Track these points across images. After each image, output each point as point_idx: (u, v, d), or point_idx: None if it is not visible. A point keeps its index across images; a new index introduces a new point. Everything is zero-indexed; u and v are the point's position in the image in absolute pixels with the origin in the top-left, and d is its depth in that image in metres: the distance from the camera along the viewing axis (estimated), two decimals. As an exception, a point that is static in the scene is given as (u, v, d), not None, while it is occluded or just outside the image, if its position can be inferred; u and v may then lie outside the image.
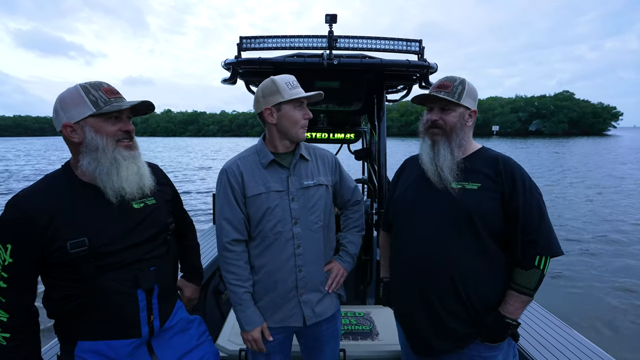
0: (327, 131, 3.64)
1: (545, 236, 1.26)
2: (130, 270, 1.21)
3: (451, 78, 1.39)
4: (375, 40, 2.33)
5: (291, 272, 1.47)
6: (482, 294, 1.31)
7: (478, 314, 1.31)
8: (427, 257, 1.34)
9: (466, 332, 1.32)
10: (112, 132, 1.17)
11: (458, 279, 1.29)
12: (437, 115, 1.38)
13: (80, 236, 1.12)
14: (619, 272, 6.04)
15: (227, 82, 2.57)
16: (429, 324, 1.36)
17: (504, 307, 1.29)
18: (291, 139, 1.48)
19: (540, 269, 1.26)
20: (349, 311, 2.37)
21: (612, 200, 11.84)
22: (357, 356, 1.98)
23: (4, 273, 1.09)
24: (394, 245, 1.53)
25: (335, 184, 1.62)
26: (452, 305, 1.32)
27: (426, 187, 1.40)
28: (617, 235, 8.06)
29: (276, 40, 2.34)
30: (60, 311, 1.18)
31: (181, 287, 1.60)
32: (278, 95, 1.41)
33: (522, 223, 1.26)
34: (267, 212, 1.43)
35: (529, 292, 1.27)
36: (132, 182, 1.20)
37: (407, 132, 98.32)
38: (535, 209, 1.27)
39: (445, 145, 1.36)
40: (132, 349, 1.23)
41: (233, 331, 2.13)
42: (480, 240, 1.29)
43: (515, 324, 1.28)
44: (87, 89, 1.15)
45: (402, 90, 3.19)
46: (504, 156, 1.36)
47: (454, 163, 1.34)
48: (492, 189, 1.30)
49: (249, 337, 1.45)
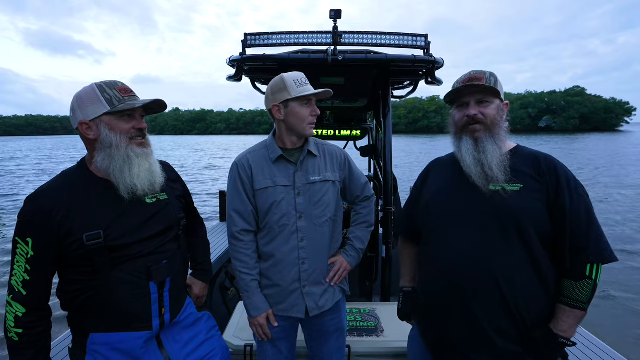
0: (334, 128, 3.63)
1: (596, 241, 1.14)
2: (144, 263, 1.24)
3: (480, 71, 1.30)
4: (380, 36, 2.31)
5: (294, 264, 1.50)
6: (533, 307, 1.18)
7: (527, 330, 1.18)
8: (469, 267, 1.21)
9: (515, 352, 1.19)
10: (125, 130, 1.21)
11: (506, 289, 1.16)
12: (475, 110, 1.27)
13: (96, 229, 1.16)
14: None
15: (232, 79, 2.57)
16: (473, 342, 1.22)
17: (556, 325, 1.16)
18: (298, 135, 1.51)
19: (593, 278, 1.14)
20: (354, 308, 2.37)
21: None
22: (362, 352, 1.98)
23: (28, 266, 1.13)
24: (428, 257, 1.39)
25: (344, 179, 1.64)
26: (498, 319, 1.18)
27: (462, 190, 1.29)
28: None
29: (281, 37, 2.33)
30: (74, 303, 1.22)
31: (190, 285, 1.62)
32: (285, 93, 1.44)
33: (570, 227, 1.14)
34: (274, 206, 1.47)
35: (582, 306, 1.14)
36: (144, 179, 1.24)
37: (414, 130, 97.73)
38: (583, 211, 1.15)
39: (491, 141, 1.25)
40: (143, 342, 1.25)
41: (239, 327, 2.14)
42: (528, 247, 1.17)
43: (570, 344, 1.15)
44: (103, 87, 1.20)
45: (409, 87, 3.17)
46: (545, 154, 1.26)
47: (503, 159, 1.23)
48: (536, 190, 1.19)
49: (255, 322, 1.52)
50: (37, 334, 1.16)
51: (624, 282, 5.47)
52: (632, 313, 4.69)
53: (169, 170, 1.45)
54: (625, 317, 4.61)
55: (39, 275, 1.15)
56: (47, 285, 1.18)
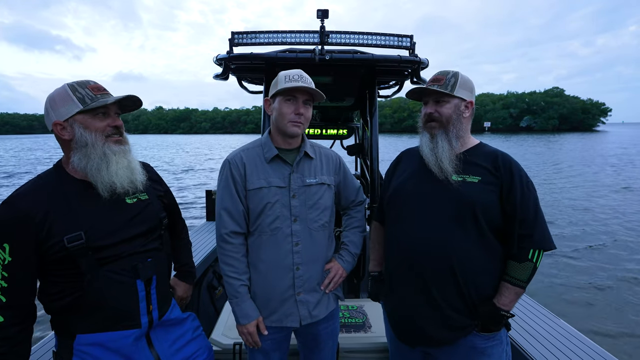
0: (320, 127, 3.65)
1: (540, 231, 1.29)
2: (129, 261, 1.23)
3: (444, 72, 1.41)
4: (366, 36, 2.34)
5: (288, 270, 1.45)
6: (480, 285, 1.33)
7: (475, 305, 1.33)
8: (427, 248, 1.34)
9: (464, 323, 1.34)
10: (100, 128, 1.20)
11: (458, 270, 1.30)
12: (432, 108, 1.40)
13: (76, 230, 1.14)
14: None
15: (219, 78, 2.56)
16: (428, 314, 1.36)
17: (499, 299, 1.31)
18: (282, 133, 1.46)
19: (534, 262, 1.29)
20: (342, 304, 2.40)
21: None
22: (350, 348, 2.01)
23: (5, 272, 1.10)
24: (390, 236, 1.51)
25: (338, 184, 1.60)
26: (450, 296, 1.33)
27: (426, 178, 1.40)
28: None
29: (268, 36, 2.33)
30: (58, 305, 1.19)
31: (173, 286, 1.61)
32: (274, 88, 1.42)
33: (519, 217, 1.29)
34: (267, 207, 1.42)
35: (522, 285, 1.30)
36: (123, 177, 1.22)
37: (400, 129, 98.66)
38: (531, 204, 1.30)
39: (443, 137, 1.38)
40: (133, 340, 1.24)
41: (227, 325, 2.14)
42: (480, 232, 1.31)
43: (509, 315, 1.32)
44: (74, 87, 1.18)
45: (394, 86, 3.22)
46: (502, 152, 1.39)
47: (452, 154, 1.36)
48: (492, 183, 1.32)
49: (244, 330, 1.44)
50: (16, 344, 1.12)
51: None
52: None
53: (150, 171, 1.44)
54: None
55: (19, 281, 1.11)
56: (29, 292, 1.14)
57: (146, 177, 1.34)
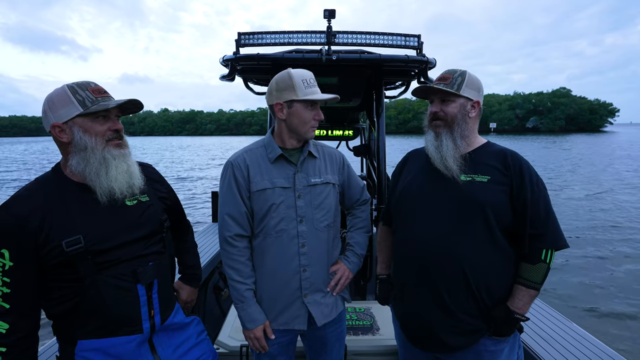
0: (326, 128, 3.63)
1: (552, 230, 1.26)
2: (129, 266, 1.21)
3: (451, 70, 1.39)
4: (373, 36, 2.32)
5: (295, 271, 1.42)
6: (492, 288, 1.30)
7: (487, 307, 1.30)
8: (437, 250, 1.31)
9: (477, 326, 1.30)
10: (101, 132, 1.17)
11: (469, 272, 1.27)
12: (437, 107, 1.38)
13: (75, 234, 1.12)
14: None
15: (225, 79, 2.56)
16: (441, 320, 1.32)
17: (513, 302, 1.28)
18: (299, 137, 1.45)
19: (547, 262, 1.26)
20: (350, 307, 2.37)
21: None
22: (358, 351, 1.98)
23: (7, 278, 1.08)
24: (399, 239, 1.48)
25: (342, 183, 1.58)
26: (462, 300, 1.30)
27: (434, 179, 1.38)
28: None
29: (275, 36, 2.32)
30: (59, 311, 1.17)
31: (177, 290, 1.58)
32: (292, 92, 1.37)
33: (530, 217, 1.26)
34: (272, 209, 1.39)
35: (536, 286, 1.27)
36: (121, 181, 1.20)
37: (404, 130, 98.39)
38: (542, 203, 1.27)
39: (448, 136, 1.36)
40: (135, 345, 1.22)
41: (234, 328, 2.12)
42: (491, 233, 1.27)
43: (524, 319, 1.28)
44: (74, 88, 1.15)
45: (401, 87, 3.19)
46: (511, 150, 1.36)
47: (457, 153, 1.34)
48: (502, 182, 1.29)
49: (251, 335, 1.42)
50: (22, 350, 1.11)
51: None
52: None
53: (151, 171, 1.41)
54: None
55: (21, 287, 1.09)
56: (32, 297, 1.13)
57: (144, 179, 1.30)
